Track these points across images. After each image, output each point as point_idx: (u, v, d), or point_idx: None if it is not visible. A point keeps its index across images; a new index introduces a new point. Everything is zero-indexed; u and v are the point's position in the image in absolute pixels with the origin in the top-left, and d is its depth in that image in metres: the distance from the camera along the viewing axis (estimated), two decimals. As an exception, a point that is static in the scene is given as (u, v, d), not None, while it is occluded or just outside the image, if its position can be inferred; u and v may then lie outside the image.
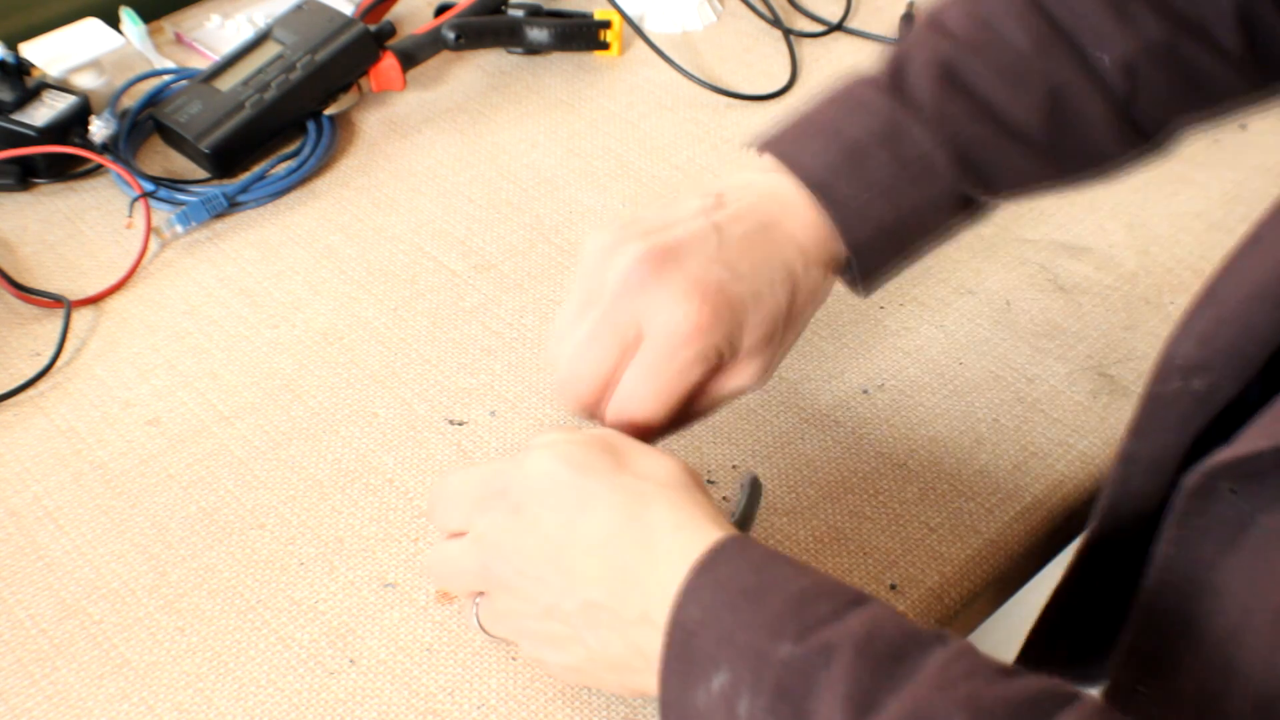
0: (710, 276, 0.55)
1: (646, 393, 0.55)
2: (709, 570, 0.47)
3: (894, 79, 0.60)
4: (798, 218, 0.58)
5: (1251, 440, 0.46)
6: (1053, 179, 0.63)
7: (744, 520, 0.58)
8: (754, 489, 0.58)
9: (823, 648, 0.44)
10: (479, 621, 0.56)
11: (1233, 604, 0.48)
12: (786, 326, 0.58)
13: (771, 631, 0.45)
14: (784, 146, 0.60)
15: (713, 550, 0.47)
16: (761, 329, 0.56)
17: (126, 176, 0.81)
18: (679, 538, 0.48)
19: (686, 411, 0.57)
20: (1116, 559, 0.58)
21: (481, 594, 0.55)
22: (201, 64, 0.95)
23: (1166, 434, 0.52)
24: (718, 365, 0.56)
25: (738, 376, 0.57)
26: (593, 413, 0.57)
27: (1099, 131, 0.61)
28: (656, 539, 0.48)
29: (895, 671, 0.43)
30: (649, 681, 0.48)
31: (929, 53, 0.60)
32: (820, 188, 0.58)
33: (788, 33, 1.00)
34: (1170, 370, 0.52)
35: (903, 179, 0.58)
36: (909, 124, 0.58)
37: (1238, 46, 0.61)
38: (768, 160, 0.60)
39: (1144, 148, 0.63)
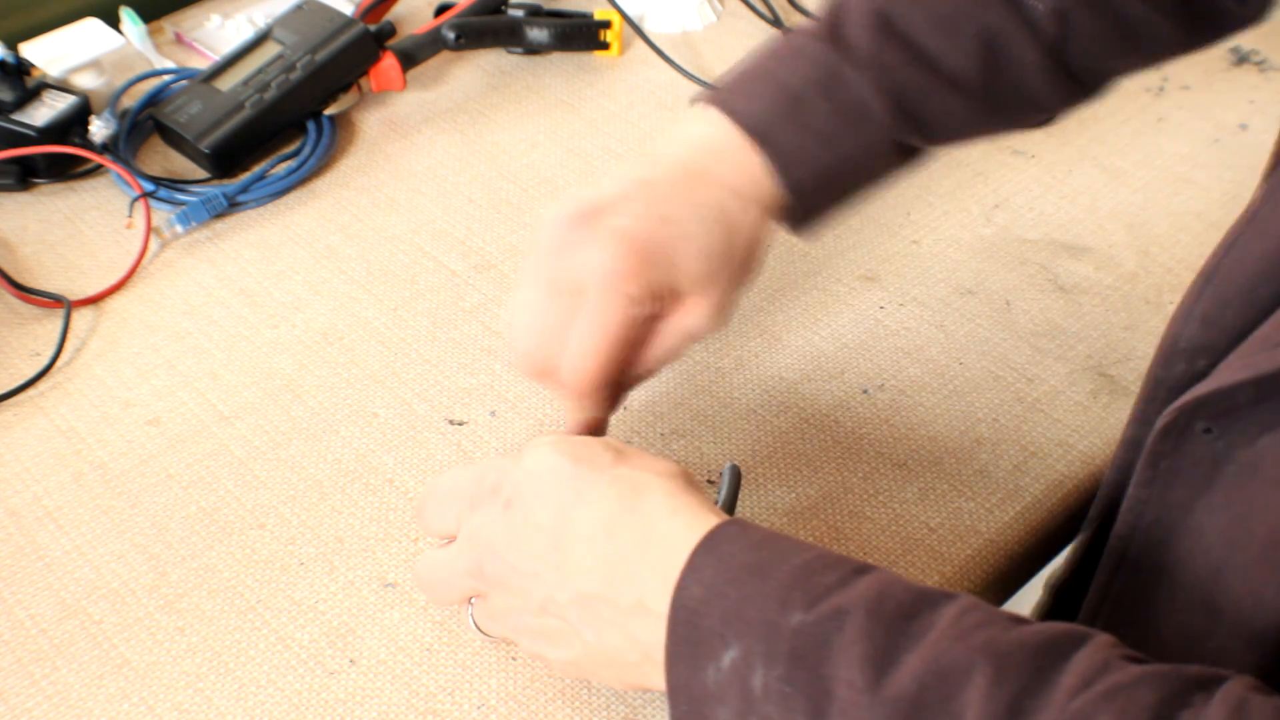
0: (636, 225, 0.56)
1: (591, 344, 0.56)
2: (710, 550, 0.47)
3: (832, 29, 0.61)
4: (732, 162, 0.59)
5: (1229, 372, 0.46)
6: (989, 125, 0.65)
7: (727, 509, 0.58)
8: (734, 478, 0.59)
9: (834, 612, 0.44)
10: (474, 623, 0.56)
11: (1214, 542, 0.48)
12: (730, 265, 0.59)
13: (780, 602, 0.45)
14: (724, 96, 0.61)
15: (713, 532, 0.48)
16: (698, 266, 0.57)
17: (126, 176, 0.81)
18: (675, 523, 0.48)
19: (645, 360, 0.59)
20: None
21: (476, 595, 0.55)
22: (201, 64, 0.95)
23: None
24: (658, 309, 0.58)
25: (686, 317, 0.58)
26: (552, 376, 0.59)
27: (1032, 77, 0.62)
28: (653, 526, 0.49)
29: (909, 629, 0.43)
30: (648, 674, 0.48)
31: (865, 2, 0.62)
32: (760, 134, 0.59)
33: (788, 33, 1.00)
34: (1174, 353, 0.51)
35: (841, 126, 0.59)
36: (846, 71, 0.60)
37: None
38: (711, 113, 0.61)
39: (1077, 94, 0.64)
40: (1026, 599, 0.68)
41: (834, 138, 0.59)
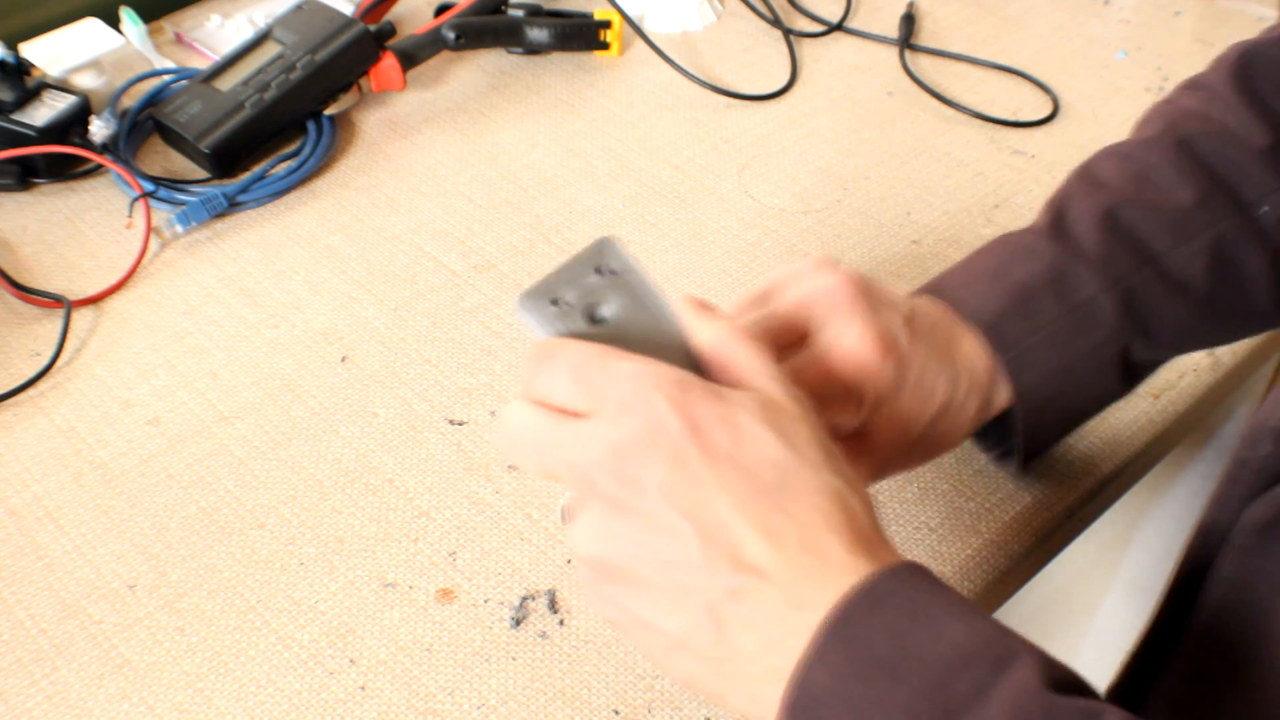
0: (893, 328, 0.53)
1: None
2: (841, 632, 0.40)
3: (1055, 225, 0.59)
4: (969, 347, 0.56)
5: None
6: (1205, 334, 0.61)
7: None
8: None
9: None
10: (563, 515, 0.46)
11: None
12: (919, 433, 0.54)
13: (908, 714, 0.39)
14: (947, 288, 0.58)
15: (852, 600, 0.40)
16: (906, 407, 0.53)
17: (126, 176, 0.81)
18: (853, 561, 0.41)
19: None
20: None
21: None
22: (201, 64, 0.95)
23: (1245, 501, 0.49)
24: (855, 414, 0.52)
25: (845, 419, 0.53)
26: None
27: (1256, 284, 0.60)
28: (835, 549, 0.41)
29: None
30: (735, 700, 0.42)
31: (1089, 202, 0.60)
32: (989, 329, 0.56)
33: (788, 33, 1.00)
34: (1262, 433, 0.50)
35: (1070, 323, 0.56)
36: (1075, 267, 0.57)
37: None
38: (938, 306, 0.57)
39: None
40: (1027, 599, 0.68)
41: (1063, 336, 0.56)
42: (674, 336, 0.45)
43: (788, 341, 0.53)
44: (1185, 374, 0.72)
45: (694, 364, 0.45)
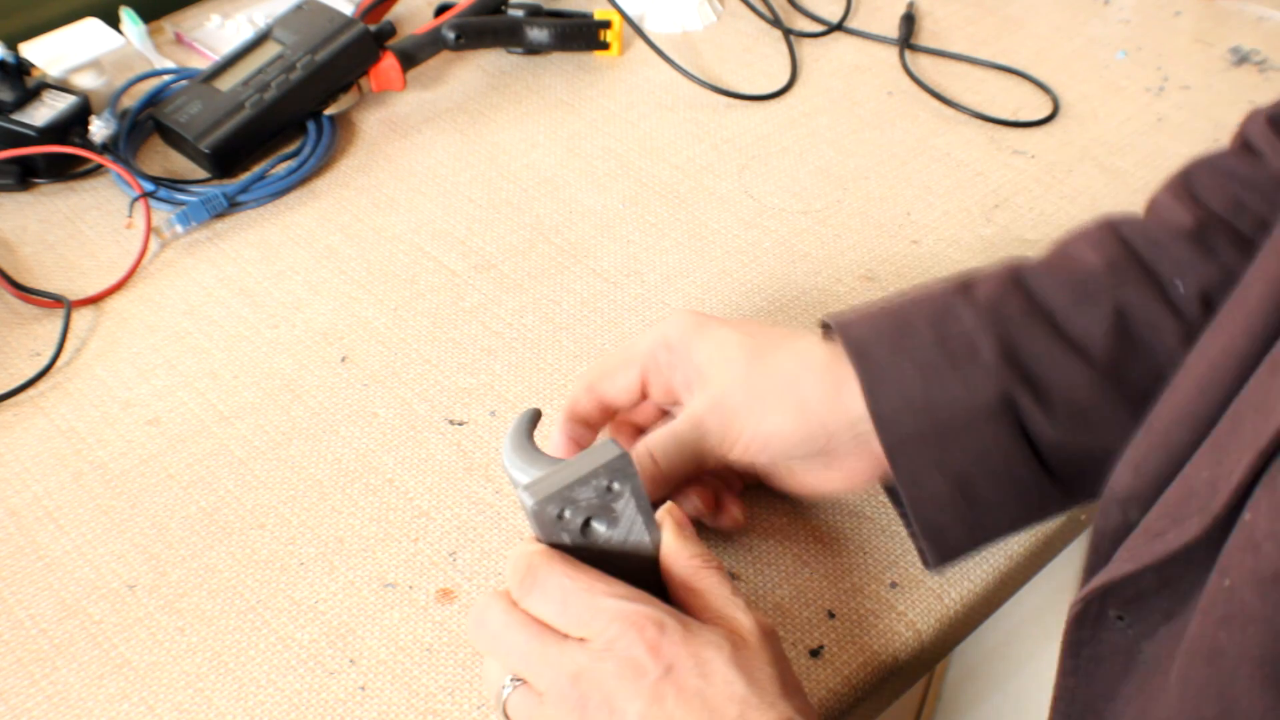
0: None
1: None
2: None
3: (964, 278, 0.60)
4: (831, 372, 0.58)
5: (1119, 564, 0.44)
6: (1119, 415, 0.56)
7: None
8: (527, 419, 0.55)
9: None
10: (505, 708, 0.49)
11: None
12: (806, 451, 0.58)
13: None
14: (842, 318, 0.60)
15: None
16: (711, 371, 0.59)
17: (126, 176, 0.81)
18: None
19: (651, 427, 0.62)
20: None
21: (522, 680, 0.49)
22: (201, 64, 0.95)
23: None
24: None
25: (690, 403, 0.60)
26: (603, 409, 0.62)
27: (1168, 362, 0.56)
28: None
29: None
30: None
31: (1002, 267, 0.60)
32: (858, 349, 0.57)
33: (788, 33, 1.00)
34: (1110, 503, 0.49)
35: (938, 353, 0.56)
36: (959, 307, 0.57)
37: None
38: (828, 335, 0.60)
39: None
40: (1026, 599, 0.68)
41: (930, 366, 0.56)
42: (651, 557, 0.51)
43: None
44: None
45: (662, 584, 0.51)
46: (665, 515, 0.51)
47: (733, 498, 0.63)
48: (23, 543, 0.63)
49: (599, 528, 0.49)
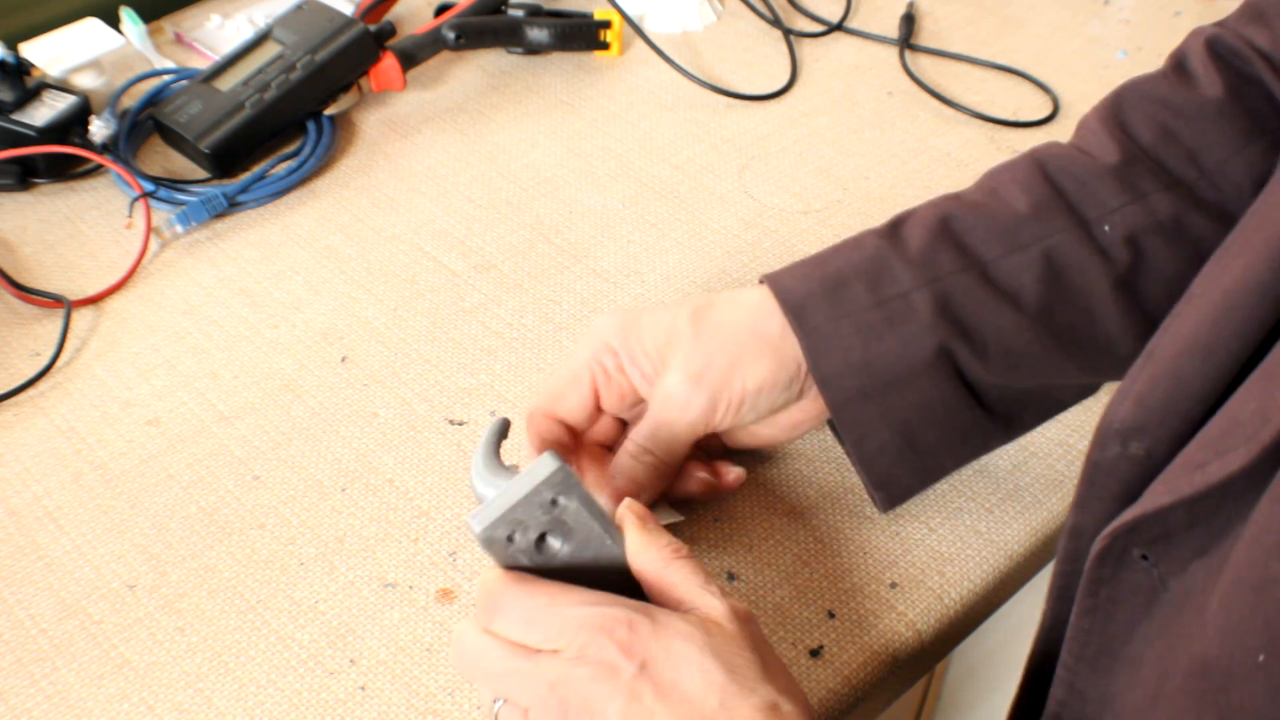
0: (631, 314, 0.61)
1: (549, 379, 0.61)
2: None
3: (893, 226, 0.60)
4: (776, 325, 0.59)
5: (1154, 497, 0.44)
6: (1057, 360, 0.59)
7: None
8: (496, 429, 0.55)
9: None
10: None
11: (1149, 674, 0.46)
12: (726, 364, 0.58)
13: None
14: (775, 273, 0.60)
15: None
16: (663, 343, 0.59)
17: (126, 176, 0.81)
18: None
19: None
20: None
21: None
22: (201, 64, 0.95)
23: (1109, 504, 0.49)
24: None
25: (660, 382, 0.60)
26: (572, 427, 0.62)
27: (1102, 308, 0.58)
28: None
29: None
30: None
31: (931, 209, 0.60)
32: (795, 310, 0.58)
33: (788, 33, 1.00)
34: (1108, 435, 0.49)
35: (876, 315, 0.57)
36: (894, 262, 0.58)
37: None
38: (762, 288, 0.60)
39: (1149, 335, 0.58)
40: (1026, 599, 0.68)
41: (868, 327, 0.57)
42: (618, 560, 0.50)
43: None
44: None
45: (636, 582, 0.50)
46: (624, 514, 0.51)
47: (722, 461, 0.63)
48: (23, 543, 0.63)
49: (554, 543, 0.49)
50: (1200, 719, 0.41)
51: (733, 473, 0.62)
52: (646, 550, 0.50)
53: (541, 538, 0.48)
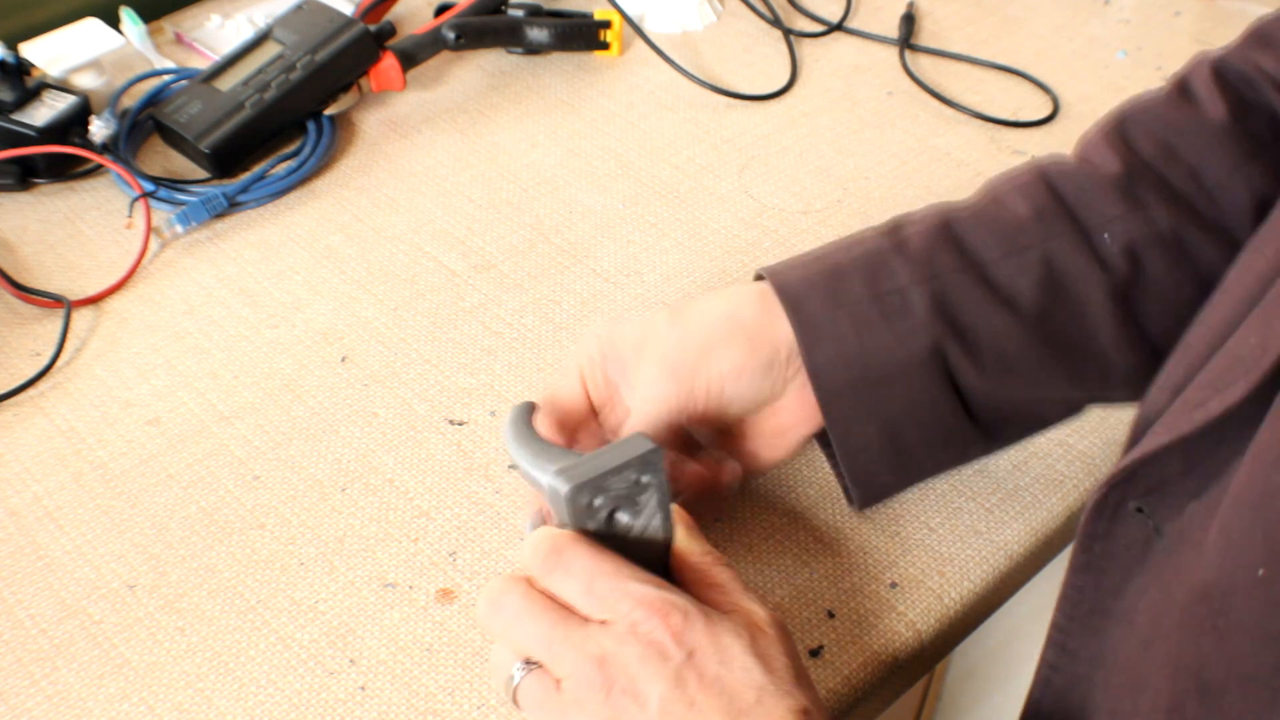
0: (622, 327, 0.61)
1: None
2: None
3: (893, 225, 0.61)
4: (767, 318, 0.59)
5: (1153, 439, 0.45)
6: (1050, 368, 0.59)
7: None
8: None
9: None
10: (516, 696, 0.49)
11: (1143, 620, 0.47)
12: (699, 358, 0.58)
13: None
14: (775, 266, 0.61)
15: None
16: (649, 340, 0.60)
17: (126, 176, 0.81)
18: None
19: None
20: None
21: (536, 664, 0.48)
22: (201, 64, 0.95)
23: None
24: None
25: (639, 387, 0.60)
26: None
27: (1098, 319, 0.58)
28: None
29: None
30: None
31: (933, 211, 0.61)
32: (792, 300, 0.58)
33: (788, 33, 1.00)
34: (1143, 423, 0.49)
35: (873, 309, 0.57)
36: (893, 259, 0.58)
37: None
38: (762, 282, 0.60)
39: (1148, 355, 0.58)
40: (1026, 599, 0.68)
41: (864, 320, 0.57)
42: (663, 554, 0.51)
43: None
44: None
45: (673, 579, 0.51)
46: (677, 512, 0.52)
47: (719, 454, 0.63)
48: (23, 543, 0.63)
49: (623, 518, 0.49)
50: (1198, 645, 0.41)
51: (729, 470, 0.62)
52: (696, 548, 0.51)
53: (611, 512, 0.49)
